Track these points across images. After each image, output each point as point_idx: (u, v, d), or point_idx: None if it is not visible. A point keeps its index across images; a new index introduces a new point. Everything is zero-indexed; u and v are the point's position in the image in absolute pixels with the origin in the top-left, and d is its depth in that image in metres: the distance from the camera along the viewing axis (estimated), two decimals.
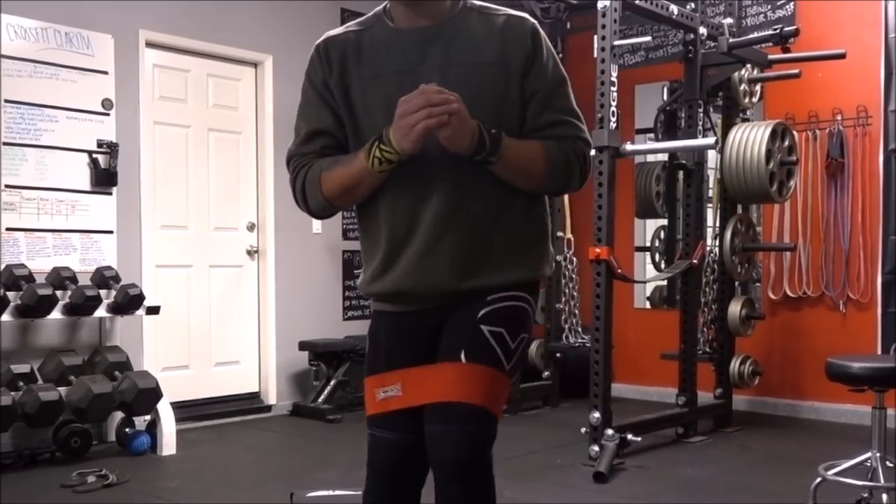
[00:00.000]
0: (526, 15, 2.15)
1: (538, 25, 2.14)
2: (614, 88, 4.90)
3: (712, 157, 6.05)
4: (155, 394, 5.14)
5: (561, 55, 6.72)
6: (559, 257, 6.52)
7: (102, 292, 5.30)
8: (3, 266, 5.14)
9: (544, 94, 2.10)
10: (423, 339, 2.14)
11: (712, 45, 5.57)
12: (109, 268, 5.52)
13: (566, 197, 6.09)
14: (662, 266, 6.56)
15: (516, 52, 2.07)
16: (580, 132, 2.13)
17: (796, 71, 5.85)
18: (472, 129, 1.96)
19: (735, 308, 5.89)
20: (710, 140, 5.44)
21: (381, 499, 2.25)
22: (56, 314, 5.10)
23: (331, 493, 3.97)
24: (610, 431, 4.87)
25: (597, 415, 4.91)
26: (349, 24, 2.21)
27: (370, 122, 2.07)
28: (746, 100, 6.03)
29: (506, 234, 2.10)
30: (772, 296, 6.49)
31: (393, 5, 2.12)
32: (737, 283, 6.11)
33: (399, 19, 2.11)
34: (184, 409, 5.87)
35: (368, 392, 2.23)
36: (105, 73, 5.69)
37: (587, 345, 5.99)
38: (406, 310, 2.17)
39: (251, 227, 6.62)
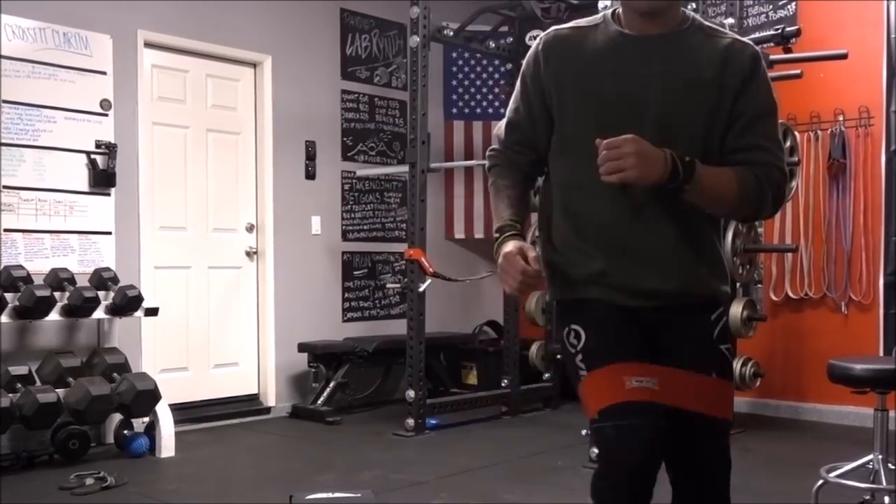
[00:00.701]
0: (749, 42, 2.24)
1: (759, 53, 2.22)
2: None
3: None
4: (153, 395, 5.12)
5: None
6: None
7: (101, 294, 5.28)
8: (1, 267, 5.12)
9: (751, 117, 2.15)
10: (640, 337, 2.19)
11: None
12: (108, 269, 5.50)
13: None
14: None
15: (734, 74, 2.14)
16: (778, 161, 2.18)
17: (798, 71, 5.83)
18: (661, 161, 2.01)
19: (736, 309, 5.86)
20: None
21: (627, 491, 2.17)
22: (54, 316, 5.09)
23: (330, 495, 3.95)
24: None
25: None
26: (576, 21, 2.31)
27: (579, 116, 2.19)
28: None
29: (713, 246, 2.25)
30: (773, 297, 6.47)
31: (626, 11, 2.19)
32: (738, 285, 6.08)
33: (630, 24, 2.19)
34: (182, 411, 5.85)
35: (609, 379, 2.14)
36: (103, 73, 5.67)
37: None
38: (622, 302, 2.19)
39: (250, 229, 6.60)
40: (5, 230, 5.25)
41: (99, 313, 5.28)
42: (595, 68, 2.17)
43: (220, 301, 6.42)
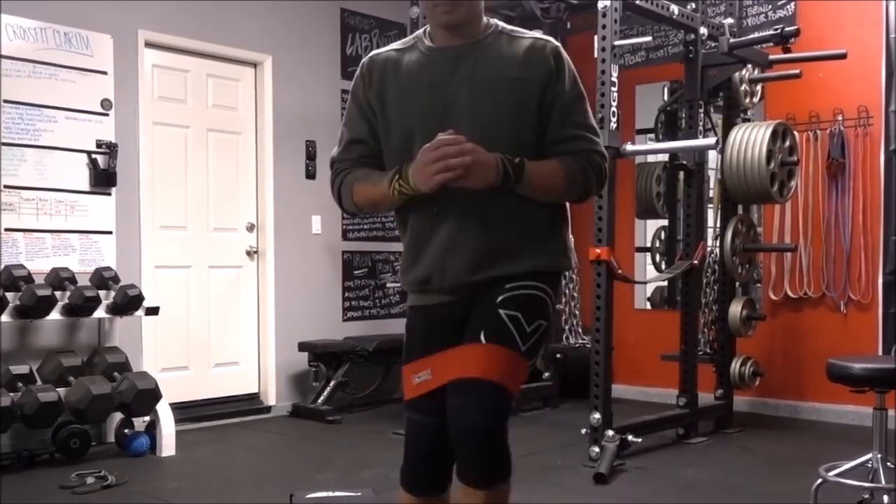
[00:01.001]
0: (550, 38, 2.41)
1: (561, 48, 2.38)
2: (615, 89, 4.90)
3: (713, 157, 6.04)
4: (154, 395, 5.13)
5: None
6: None
7: (101, 293, 5.29)
8: (2, 267, 5.13)
9: (563, 109, 2.34)
10: (451, 329, 2.36)
11: (713, 45, 5.56)
12: (108, 268, 5.51)
13: None
14: (663, 267, 6.55)
15: (539, 68, 2.32)
16: (595, 145, 2.37)
17: (797, 71, 5.84)
18: (494, 167, 2.19)
19: (736, 309, 5.88)
20: (711, 140, 5.42)
21: (417, 475, 2.46)
22: (55, 315, 5.10)
23: (330, 494, 3.96)
24: (610, 432, 4.86)
25: (597, 416, 4.90)
26: (393, 44, 2.52)
27: (402, 128, 2.35)
28: (747, 100, 6.03)
29: (522, 231, 2.34)
30: (773, 296, 6.48)
31: (432, 28, 2.39)
32: (737, 284, 6.10)
33: (437, 38, 2.38)
34: (183, 410, 5.86)
35: (406, 379, 2.44)
36: (104, 73, 5.68)
37: (587, 345, 5.99)
38: (434, 302, 2.42)
39: (250, 228, 6.61)
40: (6, 229, 5.26)
41: (100, 313, 5.28)
42: (411, 83, 2.36)
43: (220, 300, 6.43)
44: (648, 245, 6.94)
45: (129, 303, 5.32)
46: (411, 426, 2.45)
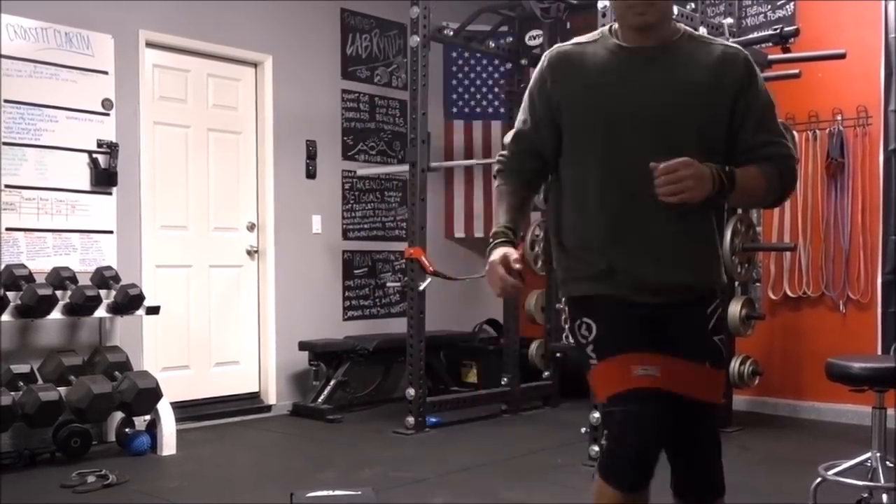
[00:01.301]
0: (740, 47, 2.45)
1: (750, 56, 2.42)
2: None
3: None
4: (155, 394, 5.14)
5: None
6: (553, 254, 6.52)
7: (102, 292, 5.30)
8: (2, 266, 5.14)
9: (757, 116, 2.38)
10: (649, 328, 2.37)
11: None
12: (109, 268, 5.52)
13: None
14: None
15: (731, 77, 2.36)
16: (789, 150, 2.45)
17: (796, 71, 5.84)
18: (710, 178, 2.24)
19: (735, 308, 5.88)
20: None
21: (636, 469, 2.38)
22: (56, 314, 5.11)
23: (330, 493, 3.96)
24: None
25: (597, 415, 4.90)
26: (576, 38, 2.51)
27: (585, 124, 2.39)
28: None
29: (709, 243, 2.44)
30: (772, 296, 6.49)
31: (622, 28, 2.39)
32: (737, 283, 6.10)
33: (626, 38, 2.39)
34: (184, 410, 5.87)
35: (616, 368, 2.36)
36: (105, 73, 5.69)
37: None
38: (628, 297, 2.38)
39: (251, 228, 6.62)
40: (7, 229, 5.27)
41: (100, 312, 5.29)
42: (599, 81, 2.37)
43: (221, 300, 6.44)
44: None
45: (129, 302, 5.32)
46: (629, 418, 2.33)
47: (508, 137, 2.59)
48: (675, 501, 2.53)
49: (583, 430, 5.00)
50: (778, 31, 5.28)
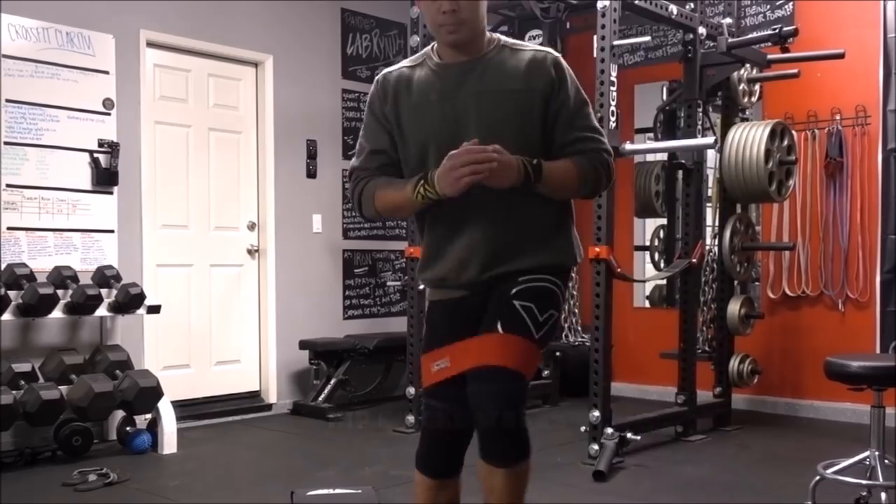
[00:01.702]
0: (550, 49, 2.61)
1: (560, 58, 2.57)
2: (614, 88, 4.91)
3: (711, 156, 6.07)
4: (156, 393, 5.15)
5: (561, 55, 6.72)
6: None
7: (103, 291, 5.31)
8: (4, 265, 5.15)
9: (568, 115, 2.53)
10: (468, 320, 2.54)
11: (711, 44, 5.59)
12: (110, 267, 5.53)
13: None
14: (662, 265, 6.58)
15: (540, 80, 2.50)
16: (602, 144, 2.58)
17: (795, 71, 5.86)
18: (516, 168, 2.38)
19: (734, 307, 5.90)
20: (710, 140, 5.44)
21: (434, 458, 2.63)
22: (57, 313, 5.12)
23: (331, 491, 3.98)
24: (609, 430, 4.88)
25: (596, 413, 4.92)
26: (404, 61, 2.70)
27: (417, 140, 2.54)
28: (745, 99, 6.05)
29: (531, 230, 2.54)
30: (771, 295, 6.51)
31: (439, 45, 2.58)
32: (736, 283, 6.12)
33: (444, 55, 2.57)
34: (184, 408, 5.89)
35: (424, 367, 2.61)
36: (106, 72, 5.70)
37: (587, 344, 6.00)
38: (450, 297, 2.61)
39: (252, 227, 6.63)
40: (9, 228, 5.28)
41: (101, 311, 5.31)
42: (422, 98, 2.55)
43: (221, 299, 6.45)
44: (647, 244, 6.97)
45: (130, 301, 5.34)
46: (429, 412, 2.61)
47: (356, 162, 2.66)
48: (478, 462, 2.54)
49: (582, 428, 5.01)
50: (777, 30, 5.29)
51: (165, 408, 5.24)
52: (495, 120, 2.48)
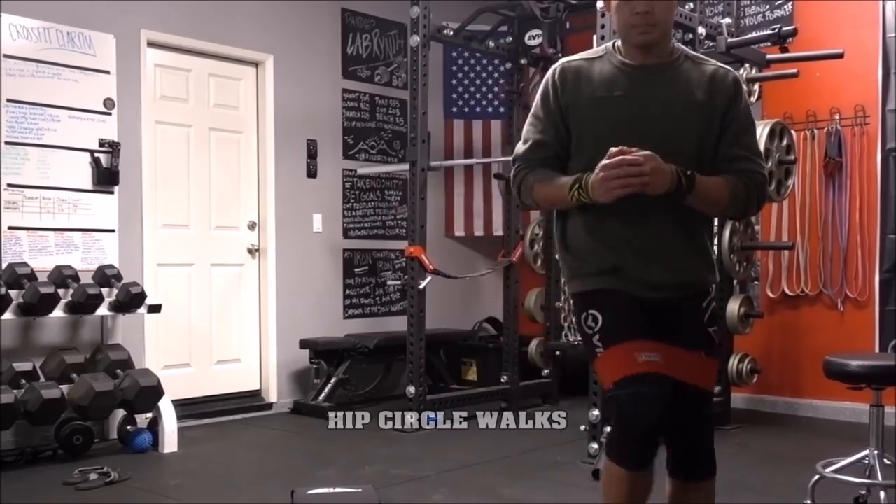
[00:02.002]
0: (730, 68, 2.66)
1: (739, 76, 2.67)
2: None
3: None
4: (156, 392, 5.16)
5: (560, 55, 6.74)
6: (557, 256, 6.55)
7: (104, 291, 5.31)
8: (5, 264, 5.16)
9: (736, 132, 2.58)
10: (649, 320, 2.54)
11: (711, 44, 5.59)
12: (111, 266, 5.54)
13: None
14: None
15: (721, 96, 2.57)
16: (761, 168, 2.62)
17: (794, 70, 5.86)
18: (669, 176, 2.41)
19: (733, 306, 5.90)
20: None
21: (641, 448, 2.54)
22: (58, 312, 5.13)
23: (331, 490, 3.98)
24: (609, 429, 4.88)
25: (596, 412, 4.93)
26: (581, 54, 2.69)
27: (596, 132, 2.55)
28: None
29: (701, 244, 2.63)
30: (770, 294, 6.52)
31: (625, 45, 2.59)
32: (735, 282, 6.12)
33: (629, 56, 2.58)
34: (185, 407, 5.90)
35: (622, 355, 2.51)
36: (107, 72, 5.71)
37: None
38: (630, 290, 2.56)
39: (252, 226, 6.64)
40: (10, 228, 5.29)
41: (102, 310, 5.31)
42: (606, 94, 2.56)
43: (222, 298, 6.47)
44: None
45: (131, 300, 5.35)
46: (632, 399, 2.48)
47: (520, 149, 2.69)
48: (671, 480, 2.71)
49: (582, 427, 5.02)
50: (776, 30, 5.31)
51: (166, 407, 5.25)
52: (677, 128, 2.53)
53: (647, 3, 2.47)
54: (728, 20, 5.74)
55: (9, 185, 5.28)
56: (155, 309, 5.54)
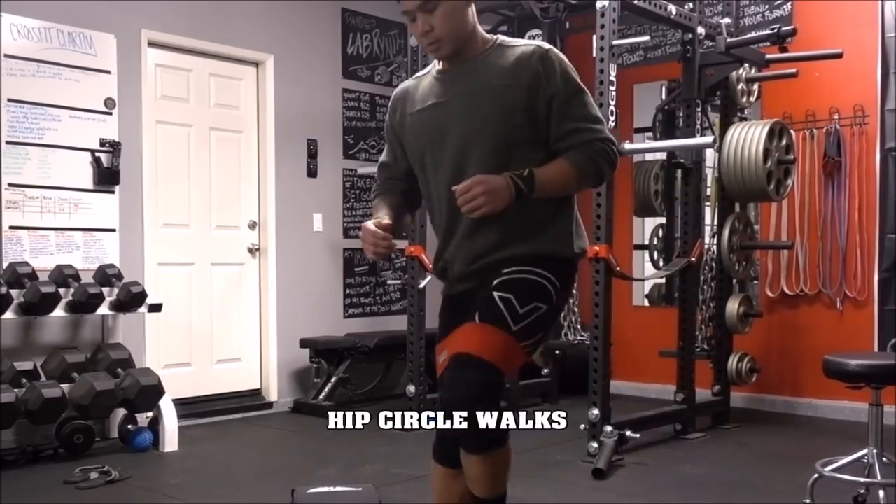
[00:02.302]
0: (542, 44, 2.57)
1: (550, 51, 2.53)
2: (613, 88, 4.93)
3: (710, 155, 6.08)
4: (157, 391, 5.17)
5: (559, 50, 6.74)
6: None
7: (105, 290, 5.32)
8: (6, 264, 5.17)
9: (559, 107, 2.49)
10: (463, 314, 2.53)
11: (710, 44, 5.61)
12: (112, 266, 5.54)
13: None
14: (661, 264, 6.58)
15: (525, 74, 2.49)
16: (598, 133, 2.52)
17: (794, 70, 5.88)
18: (505, 190, 2.39)
19: (733, 306, 5.92)
20: (708, 139, 5.46)
21: (443, 448, 2.66)
22: (59, 312, 5.13)
23: (331, 489, 3.99)
24: (609, 428, 4.90)
25: (595, 412, 4.94)
26: (418, 72, 2.80)
27: (416, 147, 2.65)
28: (744, 99, 6.07)
29: (519, 220, 2.50)
30: (769, 293, 6.53)
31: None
32: (735, 281, 6.14)
33: (443, 63, 2.64)
34: (186, 406, 5.91)
35: (437, 357, 2.63)
36: (108, 72, 5.72)
37: (586, 342, 6.03)
38: (449, 291, 2.70)
39: (252, 226, 6.65)
40: (11, 227, 5.30)
41: (103, 309, 5.32)
42: (421, 105, 2.63)
43: (222, 297, 6.48)
44: (646, 242, 6.98)
45: (132, 300, 5.35)
46: (437, 402, 2.58)
47: (377, 174, 2.87)
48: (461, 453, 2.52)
49: (581, 426, 5.03)
50: (775, 30, 5.31)
51: (167, 406, 5.26)
52: (477, 117, 2.50)
53: (424, 23, 2.51)
54: (727, 20, 5.75)
55: (10, 184, 5.29)
56: (155, 308, 5.55)
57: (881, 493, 3.80)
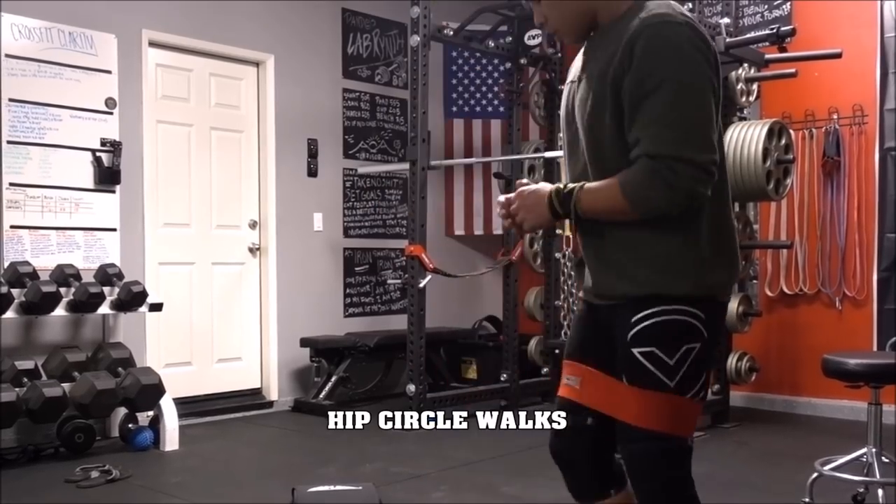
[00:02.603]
0: (656, 13, 1.99)
1: (648, 27, 1.96)
2: None
3: None
4: (158, 390, 5.18)
5: (560, 55, 6.76)
6: (557, 254, 6.59)
7: (106, 289, 5.33)
8: (7, 263, 5.18)
9: (631, 106, 1.97)
10: (595, 334, 2.22)
11: None
12: (113, 265, 5.55)
13: None
14: None
15: (615, 61, 1.99)
16: (652, 147, 1.94)
17: (793, 70, 5.88)
18: (543, 206, 2.07)
19: (732, 305, 5.92)
20: None
21: (567, 480, 2.37)
22: (60, 311, 5.14)
23: (332, 488, 3.99)
24: None
25: None
26: None
27: (561, 123, 2.26)
28: (743, 99, 6.07)
29: (643, 247, 2.05)
30: (769, 293, 6.54)
31: None
32: None
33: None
34: (186, 405, 5.92)
35: (561, 373, 2.32)
36: (108, 72, 5.73)
37: None
38: (586, 299, 2.27)
39: (253, 225, 6.66)
40: (12, 227, 5.31)
41: (104, 309, 5.33)
42: (569, 78, 2.28)
43: (223, 297, 6.49)
44: None
45: (132, 299, 5.36)
46: (553, 423, 2.30)
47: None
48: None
49: None
50: (775, 30, 5.31)
51: (167, 405, 5.27)
52: (585, 115, 2.08)
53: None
54: (727, 20, 5.76)
55: (11, 184, 5.30)
56: (156, 307, 5.56)
57: (880, 491, 3.81)
